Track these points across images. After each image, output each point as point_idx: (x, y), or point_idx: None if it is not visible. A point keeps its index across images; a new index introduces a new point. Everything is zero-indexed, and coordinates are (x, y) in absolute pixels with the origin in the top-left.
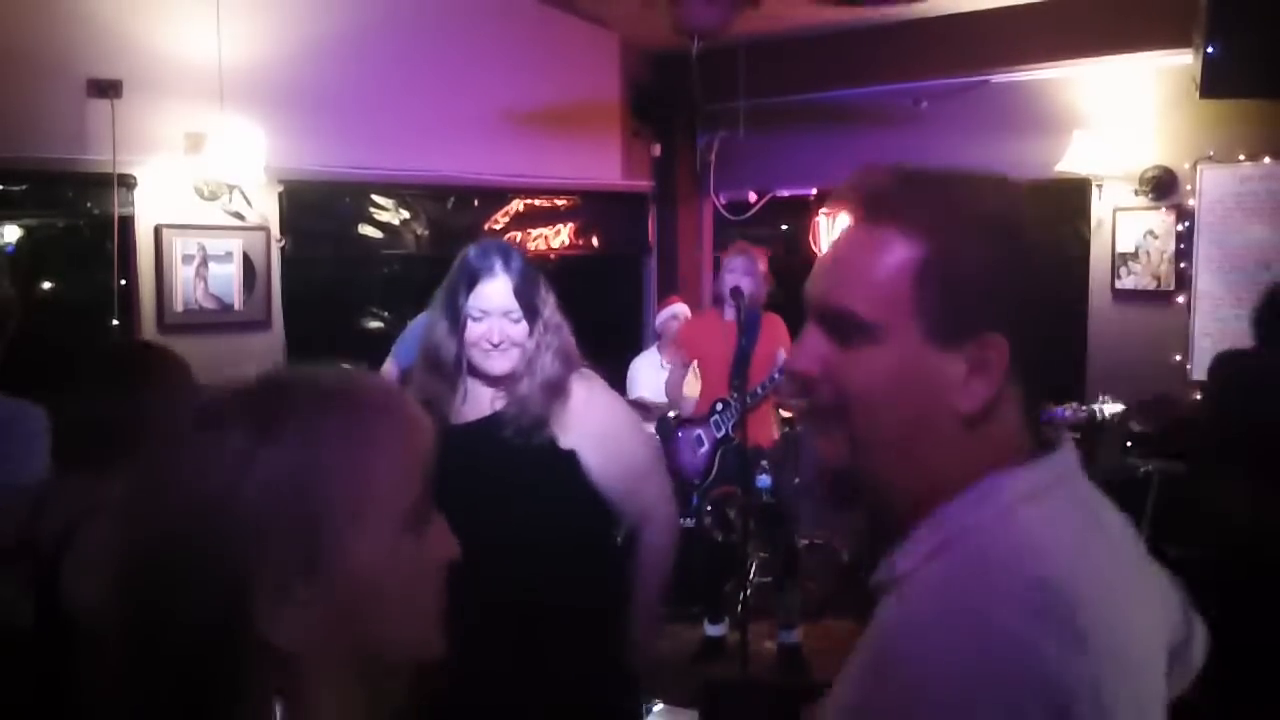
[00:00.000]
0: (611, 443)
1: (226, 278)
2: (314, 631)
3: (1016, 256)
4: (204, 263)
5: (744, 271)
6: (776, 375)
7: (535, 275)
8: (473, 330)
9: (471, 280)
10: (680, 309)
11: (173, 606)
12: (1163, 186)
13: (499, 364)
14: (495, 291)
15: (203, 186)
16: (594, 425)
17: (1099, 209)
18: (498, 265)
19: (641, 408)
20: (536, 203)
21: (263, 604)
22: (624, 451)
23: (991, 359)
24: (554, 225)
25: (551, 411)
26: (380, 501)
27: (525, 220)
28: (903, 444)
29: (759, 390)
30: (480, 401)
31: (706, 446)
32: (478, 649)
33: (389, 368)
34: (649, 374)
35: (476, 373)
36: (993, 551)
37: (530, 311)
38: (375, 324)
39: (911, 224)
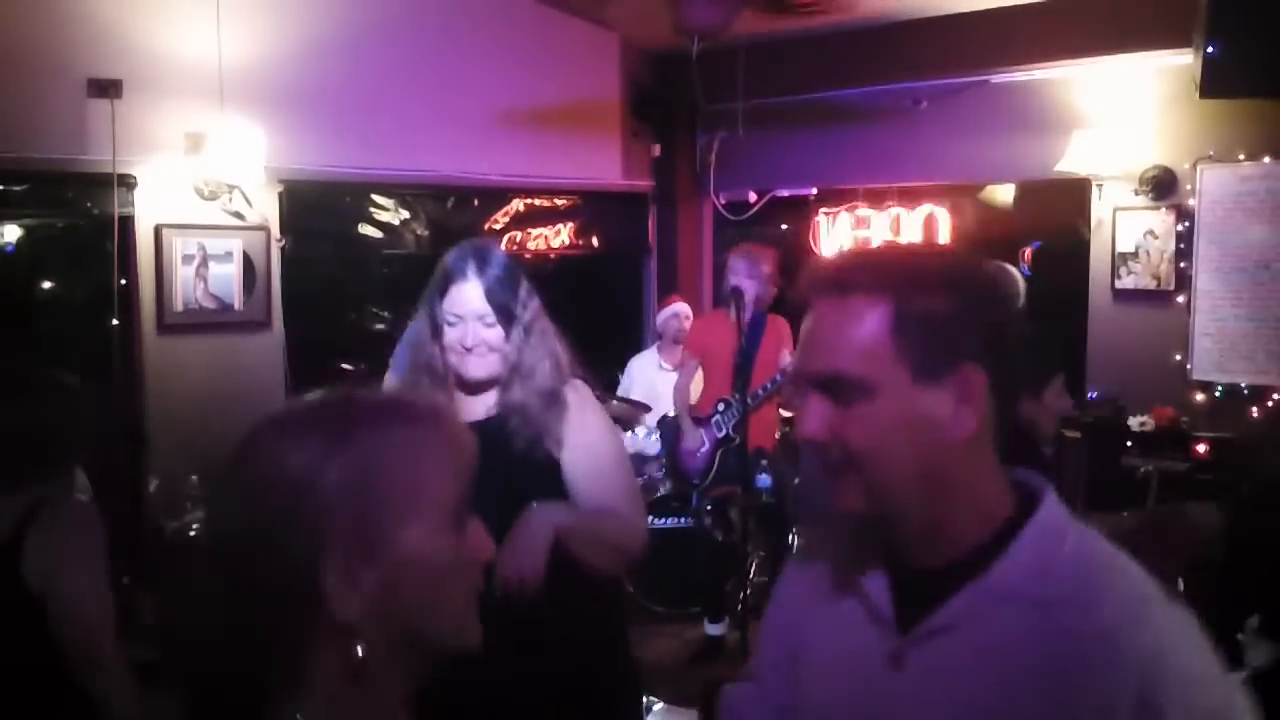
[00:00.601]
0: (595, 458)
1: (226, 278)
2: (371, 608)
3: (972, 298)
4: (204, 263)
5: (746, 273)
6: (779, 377)
7: (513, 279)
8: (448, 335)
9: (445, 284)
10: (681, 308)
11: (258, 577)
12: (1163, 186)
13: (474, 369)
14: (467, 295)
15: (203, 186)
16: (582, 438)
17: (1099, 209)
18: (470, 269)
19: (634, 406)
20: (536, 203)
21: (331, 582)
22: (605, 468)
23: (973, 387)
24: (554, 225)
25: (550, 421)
26: (429, 501)
27: (525, 220)
28: (913, 480)
29: (760, 392)
30: (470, 407)
31: (707, 446)
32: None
33: (390, 379)
34: (646, 374)
35: (459, 379)
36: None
37: (505, 316)
38: (375, 324)
39: (877, 289)
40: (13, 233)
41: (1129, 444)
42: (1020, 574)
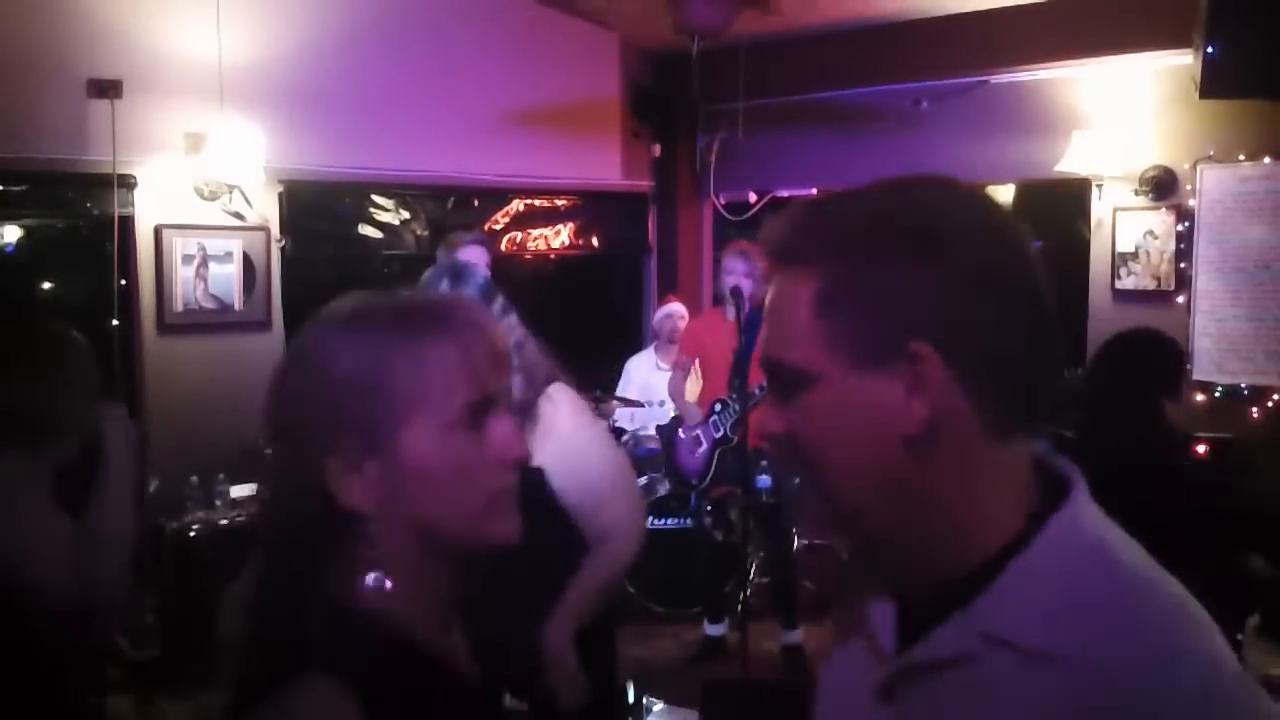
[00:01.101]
0: (578, 460)
1: (226, 278)
2: (378, 500)
3: (929, 260)
4: (204, 263)
5: (743, 272)
6: None
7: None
8: None
9: None
10: (676, 308)
11: (285, 462)
12: (1163, 186)
13: None
14: None
15: (203, 186)
16: (562, 443)
17: (1099, 209)
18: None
19: (632, 406)
20: (536, 203)
21: (337, 470)
22: (590, 470)
23: (924, 369)
24: (554, 225)
25: (524, 430)
26: (434, 398)
27: (525, 220)
28: (871, 485)
29: (758, 391)
30: None
31: (705, 447)
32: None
33: None
34: (642, 374)
35: None
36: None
37: None
38: None
39: (813, 258)
40: (13, 233)
41: None
42: (1007, 615)
